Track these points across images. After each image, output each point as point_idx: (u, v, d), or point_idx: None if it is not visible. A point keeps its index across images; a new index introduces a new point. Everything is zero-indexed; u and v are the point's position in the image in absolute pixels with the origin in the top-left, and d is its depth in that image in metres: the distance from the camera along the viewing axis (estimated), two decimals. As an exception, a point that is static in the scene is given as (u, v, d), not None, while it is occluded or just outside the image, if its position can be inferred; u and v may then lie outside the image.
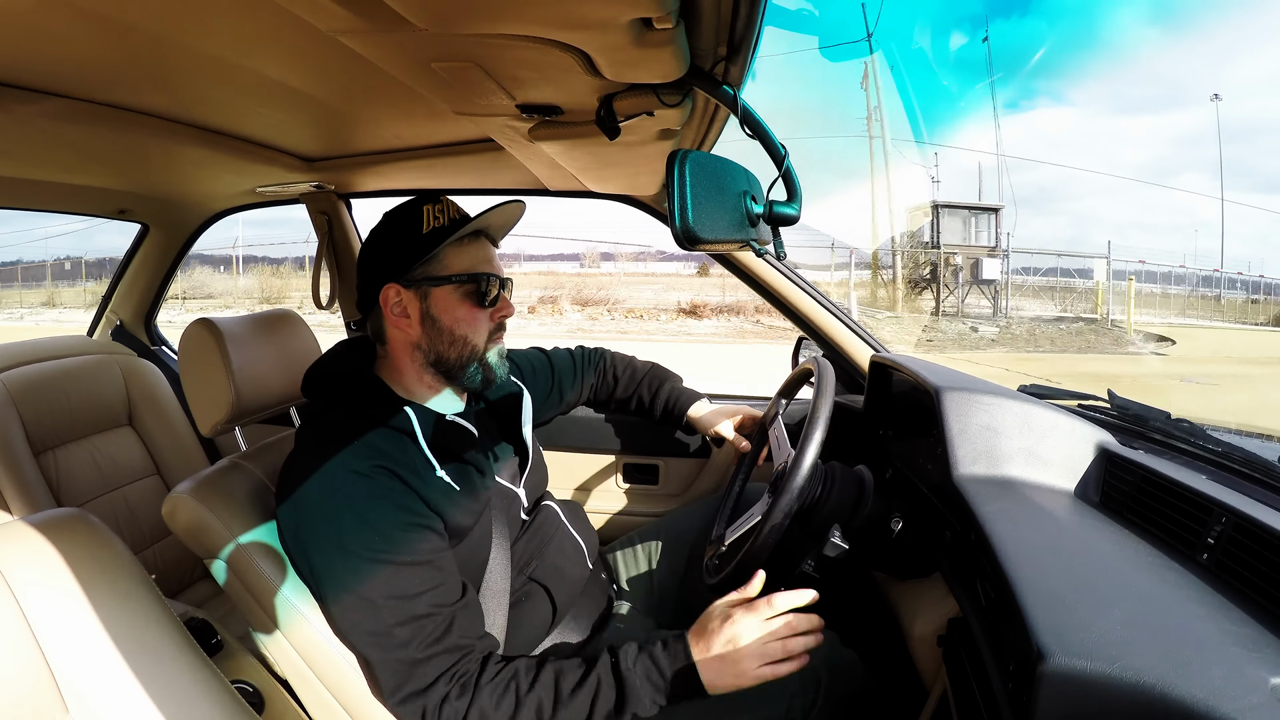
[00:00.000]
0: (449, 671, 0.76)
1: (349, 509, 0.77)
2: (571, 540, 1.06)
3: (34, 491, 1.38)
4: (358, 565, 0.75)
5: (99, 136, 1.06)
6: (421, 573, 0.77)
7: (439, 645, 0.75)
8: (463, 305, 0.88)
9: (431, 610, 0.76)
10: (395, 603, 0.75)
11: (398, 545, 0.77)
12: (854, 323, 1.46)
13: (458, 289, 0.88)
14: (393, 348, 0.91)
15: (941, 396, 0.93)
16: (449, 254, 0.88)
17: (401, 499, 0.79)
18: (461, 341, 0.89)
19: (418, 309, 0.88)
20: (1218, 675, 0.49)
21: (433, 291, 0.87)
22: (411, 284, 0.87)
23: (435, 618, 0.76)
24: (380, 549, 0.76)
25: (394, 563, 0.76)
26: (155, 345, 2.01)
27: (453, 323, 0.88)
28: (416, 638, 0.75)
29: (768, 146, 0.68)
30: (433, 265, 0.87)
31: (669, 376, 1.33)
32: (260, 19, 0.66)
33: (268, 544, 0.83)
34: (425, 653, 0.75)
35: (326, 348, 0.97)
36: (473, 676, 0.76)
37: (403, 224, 0.88)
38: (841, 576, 1.13)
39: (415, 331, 0.88)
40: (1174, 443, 0.91)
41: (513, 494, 0.99)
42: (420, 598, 0.76)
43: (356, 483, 0.78)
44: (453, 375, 0.91)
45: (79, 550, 0.65)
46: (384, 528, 0.77)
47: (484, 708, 0.75)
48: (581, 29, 0.54)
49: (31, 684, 0.57)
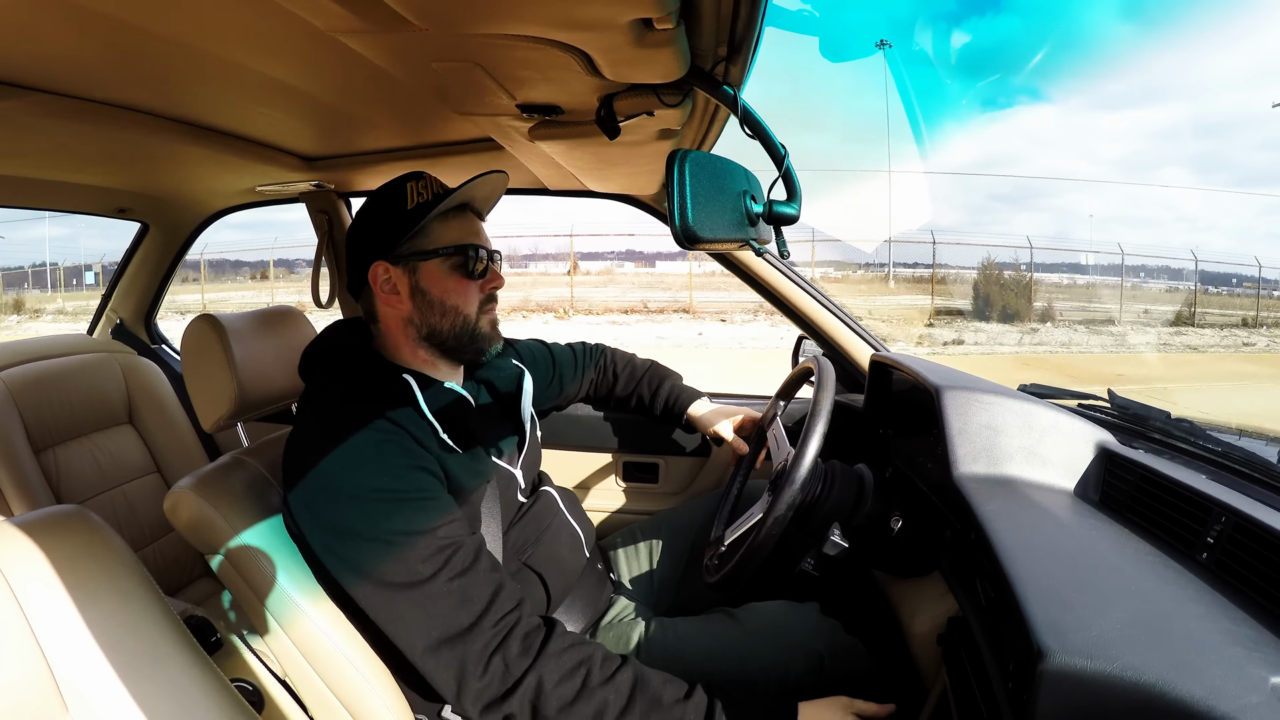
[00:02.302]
0: (494, 608, 0.72)
1: (355, 460, 0.77)
2: (569, 528, 1.07)
3: (34, 489, 1.38)
4: (370, 510, 0.74)
5: (99, 135, 1.06)
6: (435, 508, 0.76)
7: (471, 575, 0.73)
8: (451, 277, 0.89)
9: (452, 540, 0.74)
10: (411, 538, 0.73)
11: (404, 482, 0.76)
12: (854, 321, 1.46)
13: (445, 261, 0.88)
14: (386, 325, 0.91)
15: (941, 395, 0.93)
16: (435, 228, 0.88)
17: (408, 444, 0.80)
18: (453, 312, 0.89)
19: (407, 284, 0.88)
20: (1217, 674, 0.49)
21: (421, 266, 0.88)
22: (399, 260, 0.87)
23: (459, 548, 0.74)
24: (390, 488, 0.75)
25: (405, 499, 0.75)
26: (155, 343, 2.01)
27: (443, 294, 0.88)
28: (444, 569, 0.72)
29: (768, 146, 0.68)
30: (419, 240, 0.87)
31: (669, 374, 1.33)
32: (261, 18, 0.66)
33: (270, 539, 0.83)
34: (455, 584, 0.72)
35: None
36: (538, 638, 0.72)
37: (387, 202, 0.88)
38: (841, 575, 1.14)
39: (406, 306, 0.89)
40: (1174, 442, 0.91)
41: (510, 474, 0.99)
42: (438, 530, 0.74)
43: (361, 435, 0.79)
44: (447, 348, 0.91)
45: (79, 548, 0.65)
46: (392, 467, 0.77)
47: (544, 681, 0.70)
48: (582, 29, 0.54)
49: (31, 682, 0.57)
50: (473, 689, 0.70)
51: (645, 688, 0.72)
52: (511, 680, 0.70)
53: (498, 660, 0.70)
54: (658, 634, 1.00)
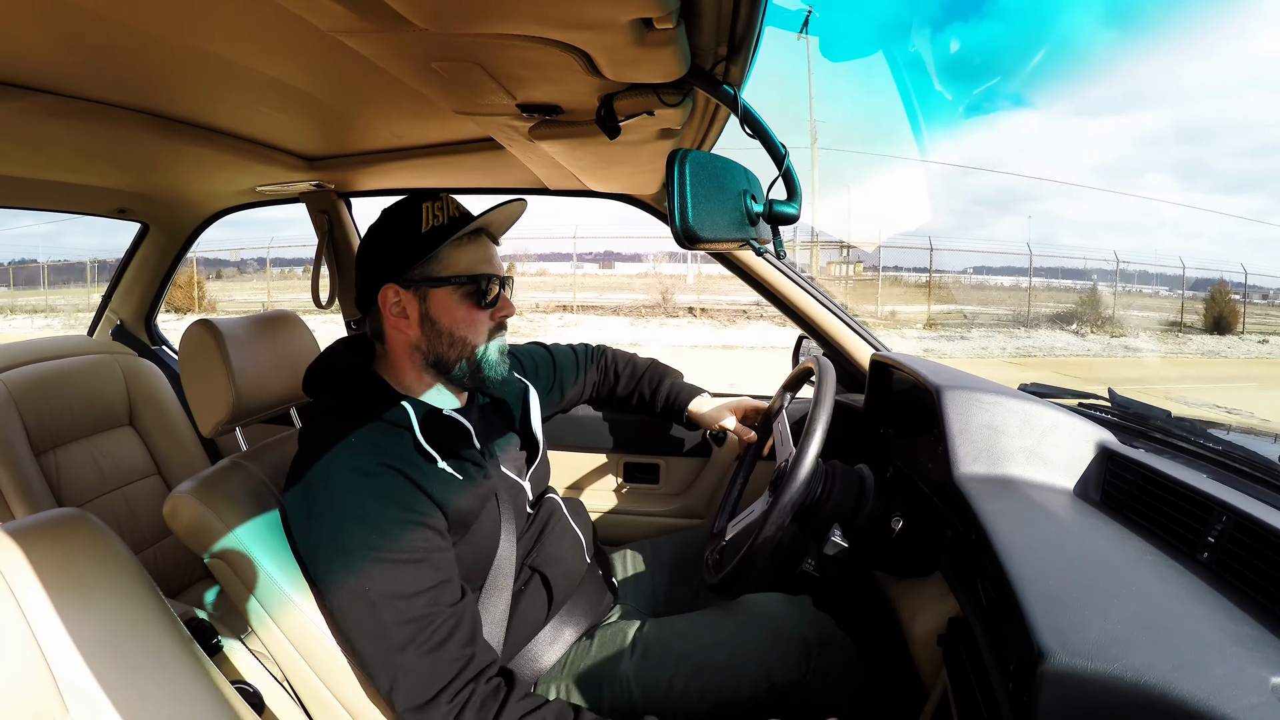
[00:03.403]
0: (451, 686, 0.74)
1: (350, 508, 0.77)
2: (571, 532, 1.07)
3: (34, 491, 1.38)
4: (356, 564, 0.75)
5: (99, 135, 1.06)
6: (419, 571, 0.76)
7: (439, 654, 0.74)
8: (462, 306, 0.87)
9: (428, 611, 0.75)
10: (392, 601, 0.74)
11: (395, 541, 0.76)
12: (854, 321, 1.46)
13: (457, 290, 0.87)
14: (392, 347, 0.90)
15: (942, 395, 0.93)
16: (448, 253, 0.87)
17: (403, 495, 0.79)
18: (461, 343, 0.88)
19: (417, 310, 0.87)
20: (1218, 674, 0.49)
21: (432, 292, 0.87)
22: (410, 284, 0.86)
23: (434, 621, 0.75)
24: (377, 545, 0.75)
25: (391, 560, 0.75)
26: (155, 345, 2.01)
27: (452, 324, 0.87)
28: (413, 642, 0.73)
29: (768, 146, 0.68)
30: (432, 265, 0.86)
31: (669, 372, 1.34)
32: (261, 18, 0.66)
33: (269, 543, 0.83)
34: (423, 661, 0.73)
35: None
36: (493, 707, 0.74)
37: (401, 222, 0.87)
38: (842, 575, 1.14)
39: (414, 333, 0.88)
40: (1174, 442, 0.91)
41: (519, 487, 0.99)
42: (417, 598, 0.75)
43: (358, 482, 0.78)
44: (452, 376, 0.91)
45: (79, 550, 0.65)
46: (382, 524, 0.76)
47: None
48: (582, 29, 0.54)
49: (31, 684, 0.57)
50: None
51: None
52: None
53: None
54: (651, 630, 1.01)
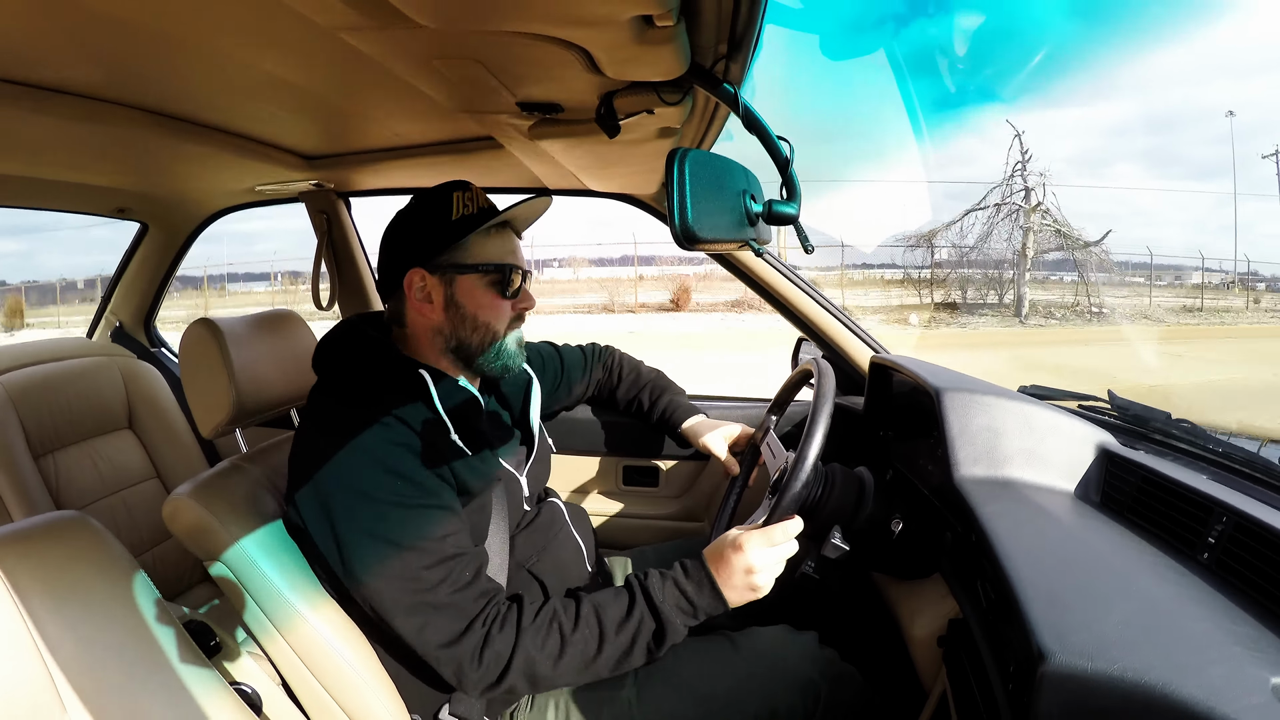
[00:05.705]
0: (482, 615, 0.77)
1: (369, 458, 0.78)
2: (574, 542, 1.06)
3: (34, 495, 1.38)
4: (383, 511, 0.77)
5: (98, 134, 1.05)
6: (444, 517, 0.79)
7: (469, 590, 0.77)
8: (487, 294, 0.90)
9: (458, 551, 0.78)
10: (423, 544, 0.76)
11: (420, 489, 0.79)
12: (854, 323, 1.46)
13: (483, 278, 0.89)
14: (414, 330, 0.92)
15: (942, 398, 0.93)
16: (476, 243, 0.89)
17: (420, 448, 0.82)
18: (484, 328, 0.90)
19: (442, 295, 0.89)
20: (1218, 675, 0.49)
21: (458, 279, 0.89)
22: (437, 270, 0.88)
23: (462, 559, 0.78)
24: (403, 492, 0.78)
25: (418, 505, 0.78)
26: (155, 347, 2.01)
27: (476, 309, 0.90)
28: (446, 580, 0.76)
29: (768, 145, 0.68)
30: (460, 253, 0.88)
31: (670, 387, 1.35)
32: (261, 15, 0.66)
33: (268, 545, 0.83)
34: (455, 598, 0.76)
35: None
36: (513, 619, 0.77)
37: (431, 209, 0.89)
38: (842, 578, 1.13)
39: (438, 316, 0.90)
40: (1174, 443, 0.91)
41: (516, 481, 0.99)
42: (446, 540, 0.78)
43: (375, 433, 0.80)
44: (470, 361, 0.92)
45: (79, 553, 0.65)
46: (405, 471, 0.79)
47: (529, 652, 0.76)
48: (582, 26, 0.54)
49: (31, 687, 0.56)
50: (472, 680, 0.76)
51: (605, 612, 0.80)
52: (504, 663, 0.76)
53: (489, 652, 0.76)
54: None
